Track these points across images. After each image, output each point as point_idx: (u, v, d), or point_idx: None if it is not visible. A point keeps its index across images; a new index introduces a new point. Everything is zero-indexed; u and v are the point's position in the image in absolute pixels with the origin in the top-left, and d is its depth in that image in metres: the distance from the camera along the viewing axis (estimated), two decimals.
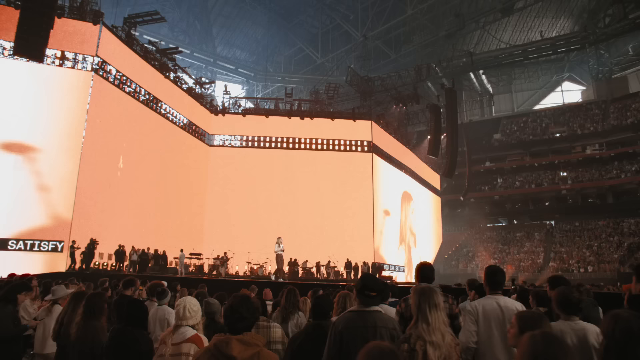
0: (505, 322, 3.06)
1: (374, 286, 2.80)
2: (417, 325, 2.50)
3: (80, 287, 7.65)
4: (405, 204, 35.19)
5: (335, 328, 2.71)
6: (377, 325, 2.68)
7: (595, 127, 45.74)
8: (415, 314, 2.56)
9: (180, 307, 3.02)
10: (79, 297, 4.03)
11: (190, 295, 8.47)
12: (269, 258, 23.21)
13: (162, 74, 24.44)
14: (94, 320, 3.63)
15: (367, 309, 2.76)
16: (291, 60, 59.45)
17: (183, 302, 3.04)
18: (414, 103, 32.02)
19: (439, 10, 47.88)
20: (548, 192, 45.25)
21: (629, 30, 45.23)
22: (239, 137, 28.91)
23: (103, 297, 3.83)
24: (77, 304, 3.90)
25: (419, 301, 2.56)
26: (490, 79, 55.55)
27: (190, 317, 3.03)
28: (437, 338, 2.44)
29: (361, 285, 2.81)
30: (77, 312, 3.79)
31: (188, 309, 3.03)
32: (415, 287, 2.70)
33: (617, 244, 36.03)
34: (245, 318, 2.37)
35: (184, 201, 25.56)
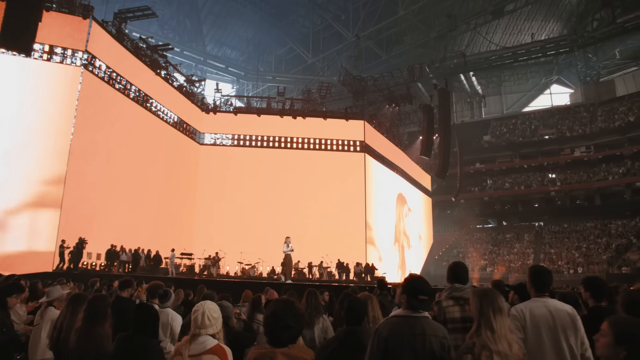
0: (557, 327, 2.78)
1: (425, 289, 2.53)
2: (479, 332, 2.24)
3: (73, 288, 7.28)
4: (399, 206, 35.12)
5: (379, 335, 2.44)
6: (426, 333, 2.41)
7: (584, 130, 46.18)
8: (477, 319, 2.29)
9: (199, 314, 2.66)
10: (78, 300, 3.68)
11: (189, 297, 8.10)
12: (261, 258, 22.99)
13: (153, 70, 23.96)
14: (96, 327, 3.31)
15: (415, 315, 2.49)
16: (282, 60, 59.07)
17: (202, 308, 2.68)
18: (407, 103, 31.92)
19: (431, 11, 47.91)
20: (537, 194, 45.56)
21: (616, 34, 45.73)
22: (230, 136, 28.52)
23: (106, 301, 3.52)
24: (77, 307, 3.56)
25: (481, 305, 2.30)
26: (480, 80, 55.81)
27: (211, 324, 2.66)
28: (504, 347, 2.19)
29: (411, 287, 2.53)
30: (76, 317, 3.45)
31: (208, 315, 2.66)
32: (475, 290, 2.45)
33: (605, 245, 36.34)
34: (291, 327, 2.05)
35: (175, 200, 25.10)
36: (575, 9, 50.50)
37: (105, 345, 3.28)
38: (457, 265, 3.51)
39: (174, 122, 25.71)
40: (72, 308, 3.61)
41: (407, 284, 2.56)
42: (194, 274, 20.20)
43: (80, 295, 3.81)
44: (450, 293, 3.30)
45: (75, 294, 3.89)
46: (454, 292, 3.28)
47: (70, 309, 3.62)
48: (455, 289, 3.29)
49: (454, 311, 3.19)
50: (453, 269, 3.48)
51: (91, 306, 3.36)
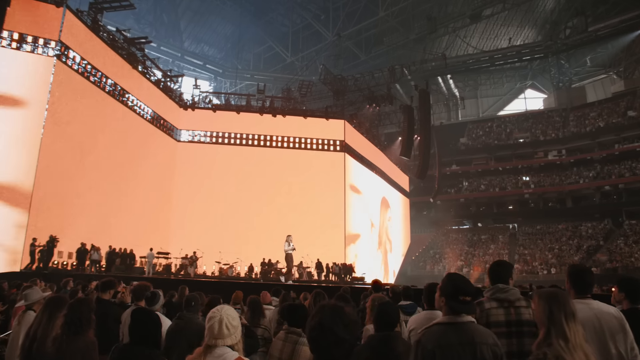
0: (605, 332, 2.54)
1: (467, 288, 2.26)
2: (548, 341, 1.95)
3: (46, 289, 6.81)
4: (383, 210, 35.16)
5: (423, 347, 2.14)
6: (476, 342, 2.13)
7: (557, 134, 47.18)
8: (545, 326, 2.02)
9: (215, 321, 2.28)
10: (55, 303, 3.22)
11: (172, 299, 7.69)
12: (239, 258, 22.56)
13: (129, 64, 23.25)
14: (79, 335, 2.91)
15: (461, 320, 2.22)
16: (260, 58, 58.53)
17: (218, 315, 2.30)
18: (388, 104, 31.93)
19: (410, 13, 48.27)
20: (511, 196, 46.28)
21: (587, 42, 47.03)
22: (209, 133, 27.99)
23: (90, 305, 3.11)
24: (54, 312, 3.13)
25: (550, 309, 2.02)
26: (458, 83, 56.46)
27: (229, 334, 2.29)
28: (580, 358, 1.93)
29: (452, 287, 2.25)
30: (54, 323, 3.05)
31: (226, 323, 2.27)
32: (541, 292, 2.18)
33: (577, 246, 37.17)
34: (343, 340, 1.72)
35: (150, 198, 24.40)
36: (549, 17, 51.66)
37: (91, 357, 2.93)
38: (499, 264, 3.24)
39: (151, 117, 25.03)
40: (48, 313, 3.15)
41: (445, 284, 2.29)
42: (170, 274, 19.63)
43: (58, 297, 3.34)
44: (493, 294, 3.04)
45: (53, 296, 3.41)
46: (498, 294, 3.02)
47: (47, 313, 3.15)
48: (499, 290, 3.02)
49: (498, 314, 2.93)
50: (495, 269, 3.20)
51: (73, 311, 2.95)
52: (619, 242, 36.20)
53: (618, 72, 51.51)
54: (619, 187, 40.75)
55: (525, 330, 2.89)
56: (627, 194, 40.85)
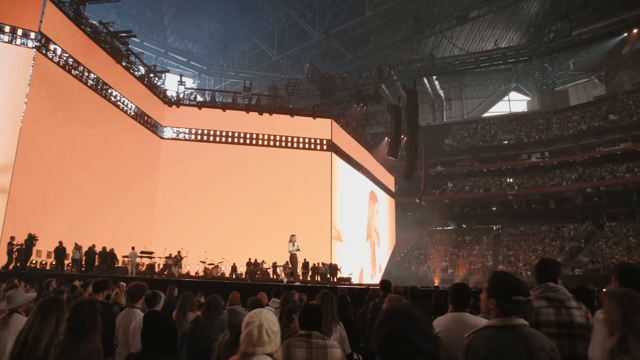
0: None
1: (519, 287, 2.02)
2: (624, 347, 1.73)
3: (29, 290, 6.37)
4: (372, 204, 35.01)
5: (474, 352, 1.92)
6: (532, 347, 1.91)
7: (540, 136, 47.69)
8: (620, 331, 1.79)
9: (254, 327, 1.99)
10: (50, 305, 2.89)
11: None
12: (224, 257, 22.12)
13: (113, 58, 22.61)
14: (82, 341, 2.57)
15: (513, 323, 1.99)
16: (245, 56, 57.91)
17: (257, 319, 2.01)
18: (375, 103, 31.78)
19: (397, 14, 48.27)
20: (495, 197, 46.62)
21: (570, 46, 47.71)
22: (194, 131, 27.44)
23: (95, 307, 2.77)
24: (48, 315, 2.80)
25: (625, 312, 1.80)
26: (443, 85, 56.71)
27: (269, 341, 2.02)
28: None
29: (503, 287, 2.01)
30: (47, 327, 2.73)
31: (267, 329, 2.00)
32: (612, 292, 1.94)
33: (559, 248, 37.57)
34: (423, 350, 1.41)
35: (133, 195, 23.74)
36: (534, 20, 52.21)
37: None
38: (547, 262, 3.05)
39: (135, 113, 24.40)
40: (42, 316, 2.81)
41: (494, 283, 2.03)
42: (154, 274, 19.09)
43: (53, 299, 3.01)
44: (542, 292, 2.81)
45: (47, 297, 3.07)
46: (548, 292, 2.79)
47: (40, 317, 2.80)
48: (549, 289, 2.80)
49: (548, 313, 2.72)
50: (543, 266, 3.00)
51: (76, 314, 2.61)
52: (600, 243, 36.70)
53: (600, 77, 52.35)
54: (600, 189, 41.36)
55: (577, 332, 2.70)
56: (608, 196, 41.50)
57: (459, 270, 36.33)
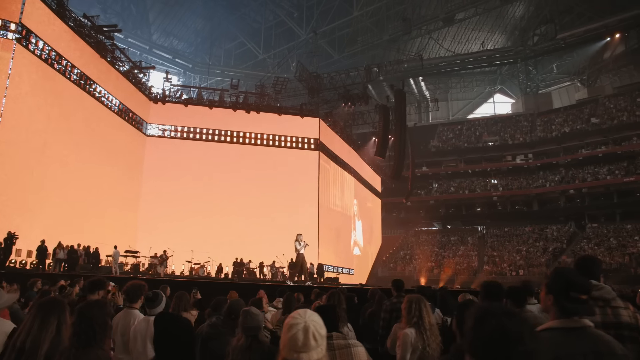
0: None
1: (584, 284, 1.83)
2: None
3: (13, 290, 6.03)
4: (359, 205, 35.00)
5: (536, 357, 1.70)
6: (602, 352, 1.72)
7: (524, 138, 48.20)
8: None
9: (299, 330, 1.69)
10: (50, 307, 2.60)
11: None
12: (210, 257, 21.77)
13: (97, 53, 22.07)
14: (92, 348, 2.30)
15: (579, 325, 1.79)
16: (231, 54, 57.43)
17: (302, 321, 1.71)
18: (363, 103, 31.70)
19: (384, 14, 48.34)
20: (480, 198, 46.96)
21: (554, 50, 48.49)
22: (180, 128, 26.96)
23: (105, 308, 2.50)
24: (48, 317, 2.53)
25: None
26: (429, 86, 57.06)
27: (316, 345, 1.71)
28: None
29: (564, 283, 1.82)
30: (47, 331, 2.47)
31: (313, 332, 1.69)
32: None
33: (543, 248, 37.97)
34: (531, 353, 1.20)
35: (117, 193, 23.22)
36: (519, 23, 52.85)
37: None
38: (589, 259, 2.87)
39: (119, 110, 23.85)
40: (41, 318, 2.53)
41: (554, 279, 1.84)
42: (139, 273, 18.66)
43: (54, 300, 2.72)
44: None
45: (46, 298, 2.76)
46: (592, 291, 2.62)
47: (39, 320, 2.53)
48: (592, 287, 2.63)
49: None
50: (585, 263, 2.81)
51: (85, 317, 2.34)
52: (583, 244, 37.20)
53: (582, 80, 53.26)
54: (583, 191, 41.98)
55: (625, 334, 2.50)
56: (590, 198, 42.17)
57: (444, 271, 36.44)
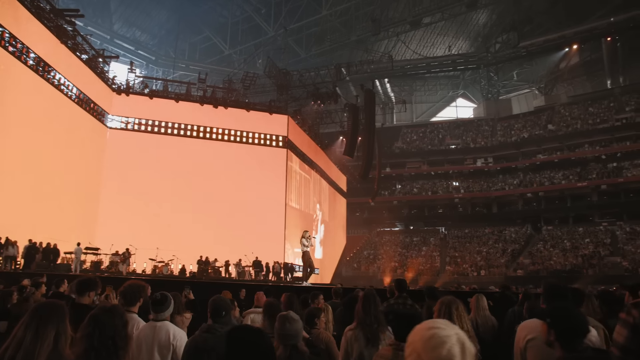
0: None
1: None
2: None
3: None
4: (325, 205, 34.82)
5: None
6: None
7: (485, 142, 49.50)
8: None
9: (454, 344, 1.28)
10: (48, 314, 2.15)
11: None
12: (175, 255, 21.08)
13: (57, 38, 20.90)
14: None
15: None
16: (196, 49, 56.08)
17: (454, 334, 1.32)
18: (332, 102, 31.59)
19: (353, 14, 48.51)
20: (442, 200, 47.88)
21: (515, 57, 50.18)
22: (144, 121, 25.93)
23: (121, 317, 2.14)
24: (45, 327, 2.09)
25: None
26: (394, 88, 57.69)
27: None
28: None
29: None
30: (44, 344, 2.03)
31: (469, 348, 1.30)
32: None
33: (502, 250, 39.04)
34: None
35: (76, 187, 22.06)
36: (482, 30, 54.35)
37: None
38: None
39: (79, 99, 22.66)
40: (35, 328, 2.09)
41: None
42: (99, 271, 17.76)
43: (52, 305, 2.23)
44: None
45: (43, 303, 2.28)
46: None
47: (33, 329, 2.09)
48: None
49: None
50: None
51: (103, 327, 1.97)
52: (539, 246, 38.52)
53: (540, 88, 55.36)
54: (539, 194, 43.49)
55: None
56: (546, 201, 43.75)
57: (408, 271, 36.84)
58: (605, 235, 37.28)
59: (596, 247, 35.38)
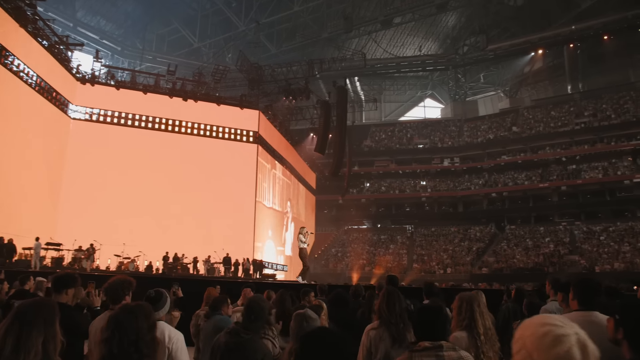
0: None
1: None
2: None
3: None
4: (294, 202, 34.57)
5: None
6: None
7: (452, 143, 50.42)
8: None
9: (572, 345, 1.11)
10: (30, 315, 1.79)
11: None
12: (142, 251, 20.44)
13: (16, 21, 19.82)
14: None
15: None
16: (164, 40, 54.56)
17: (573, 332, 1.15)
18: (304, 98, 31.36)
19: (325, 12, 48.38)
20: (410, 199, 48.50)
21: (483, 60, 51.32)
22: (110, 113, 24.98)
23: (147, 318, 1.85)
24: (29, 332, 1.76)
25: None
26: (363, 87, 57.95)
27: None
28: None
29: None
30: (29, 354, 1.70)
31: (593, 349, 1.13)
32: None
33: (468, 248, 39.85)
34: None
35: (34, 179, 21.00)
36: (451, 32, 55.28)
37: None
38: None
39: (40, 87, 21.58)
40: (16, 334, 1.73)
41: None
42: (61, 268, 16.96)
43: (38, 304, 1.88)
44: None
45: (27, 302, 1.90)
46: None
47: (13, 335, 1.73)
48: None
49: None
50: None
51: (124, 330, 1.68)
52: (503, 244, 39.52)
53: (505, 91, 56.86)
54: (503, 194, 44.66)
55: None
56: (509, 201, 44.99)
57: (376, 268, 37.07)
58: (565, 235, 38.61)
59: (556, 246, 36.59)
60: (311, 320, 2.41)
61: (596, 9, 43.38)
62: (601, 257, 33.39)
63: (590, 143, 42.95)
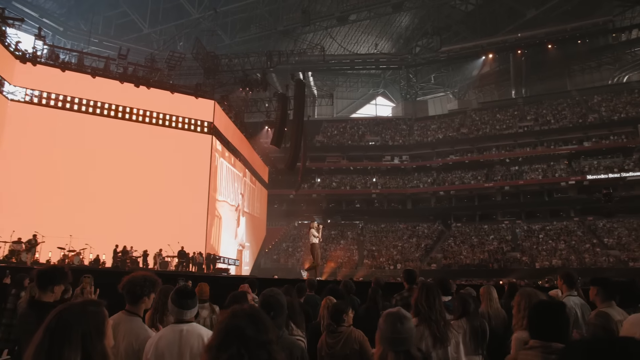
0: None
1: None
2: None
3: None
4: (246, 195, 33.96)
5: None
6: None
7: (403, 141, 51.43)
8: None
9: None
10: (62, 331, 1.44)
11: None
12: (88, 244, 19.33)
13: None
14: None
15: None
16: (112, 24, 51.84)
17: None
18: (262, 90, 30.82)
19: (281, 4, 47.84)
20: (360, 195, 49.07)
21: (434, 61, 52.76)
22: (54, 96, 23.31)
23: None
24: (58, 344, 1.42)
25: None
26: (316, 82, 57.95)
27: None
28: None
29: None
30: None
31: None
32: None
33: (416, 244, 40.86)
34: None
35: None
36: (404, 33, 56.35)
37: None
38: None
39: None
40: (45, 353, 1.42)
41: None
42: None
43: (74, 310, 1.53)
44: None
45: (60, 309, 1.54)
46: None
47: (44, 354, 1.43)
48: None
49: None
50: None
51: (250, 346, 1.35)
52: (450, 241, 40.84)
53: (454, 93, 58.76)
54: (451, 193, 46.18)
55: None
56: (456, 199, 46.57)
57: (327, 264, 37.19)
58: (507, 233, 40.47)
59: (500, 244, 38.27)
60: (405, 320, 2.15)
61: (539, 19, 45.77)
62: (540, 254, 35.27)
63: (531, 146, 45.29)
